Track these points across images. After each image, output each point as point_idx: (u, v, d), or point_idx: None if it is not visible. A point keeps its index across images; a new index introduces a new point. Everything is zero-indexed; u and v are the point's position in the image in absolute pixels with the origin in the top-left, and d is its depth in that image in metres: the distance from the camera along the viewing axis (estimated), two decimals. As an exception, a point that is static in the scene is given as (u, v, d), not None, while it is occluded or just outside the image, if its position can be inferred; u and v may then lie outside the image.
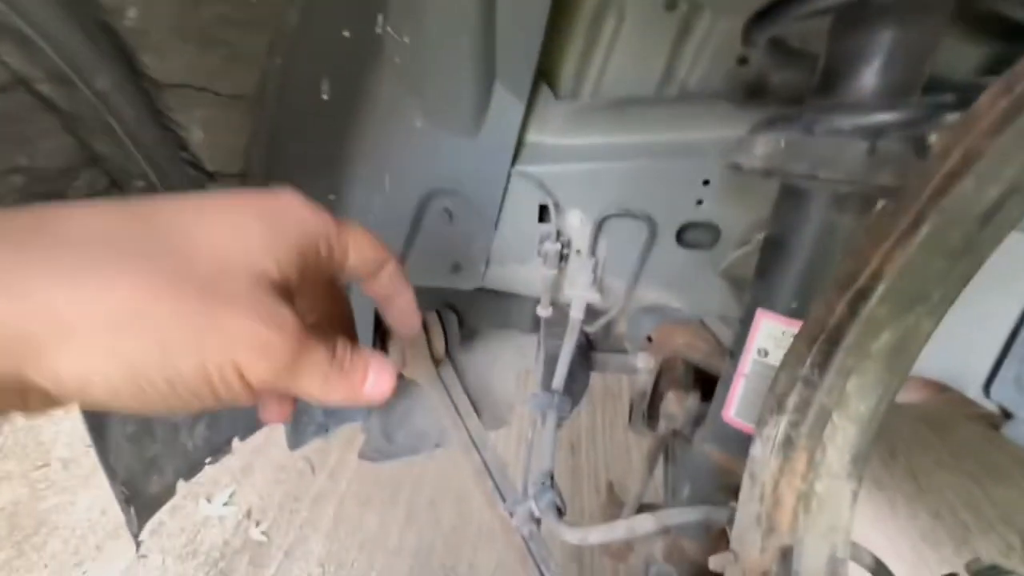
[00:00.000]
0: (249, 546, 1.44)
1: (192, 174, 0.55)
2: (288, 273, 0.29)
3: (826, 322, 0.38)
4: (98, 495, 1.55)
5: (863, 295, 0.35)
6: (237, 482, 1.62)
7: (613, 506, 0.99)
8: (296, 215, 0.31)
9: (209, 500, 1.55)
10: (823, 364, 0.37)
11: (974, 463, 1.64)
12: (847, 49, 0.42)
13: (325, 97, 0.60)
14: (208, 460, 0.76)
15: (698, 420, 0.73)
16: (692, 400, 0.72)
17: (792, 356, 0.40)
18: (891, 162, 0.39)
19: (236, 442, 0.80)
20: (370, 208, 0.72)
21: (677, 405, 0.73)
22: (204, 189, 0.57)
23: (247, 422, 0.77)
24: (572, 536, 0.55)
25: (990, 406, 0.83)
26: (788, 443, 0.39)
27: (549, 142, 0.68)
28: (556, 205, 0.68)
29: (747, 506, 0.40)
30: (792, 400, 0.39)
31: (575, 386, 1.06)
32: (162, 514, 1.59)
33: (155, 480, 0.64)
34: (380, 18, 0.57)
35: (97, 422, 0.54)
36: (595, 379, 2.06)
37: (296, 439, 0.92)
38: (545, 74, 0.73)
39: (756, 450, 0.42)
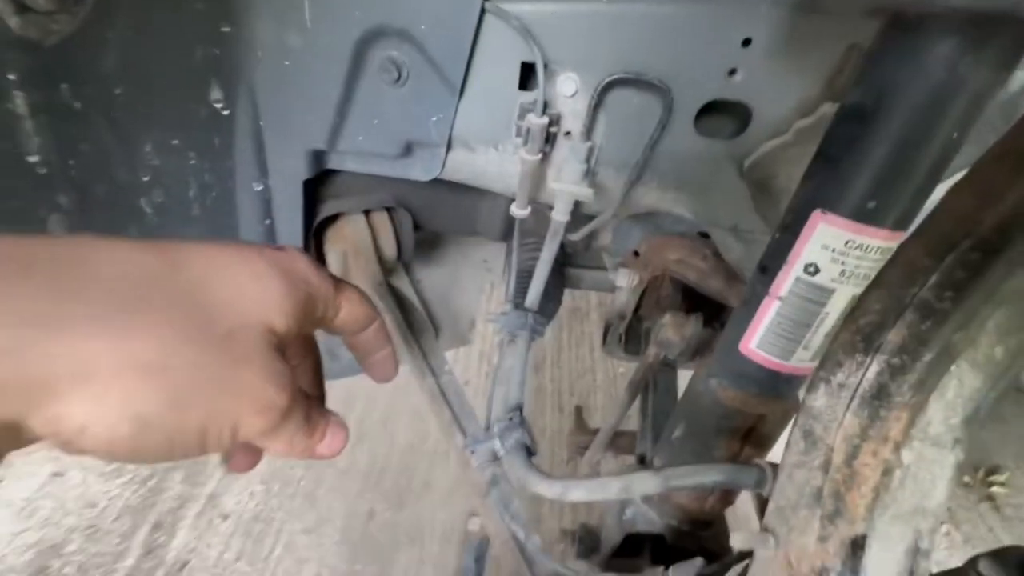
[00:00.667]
0: (183, 462, 1.33)
1: None
2: (290, 329, 0.29)
3: (975, 221, 0.24)
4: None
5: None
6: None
7: (581, 433, 0.91)
8: (303, 274, 0.31)
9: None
10: (963, 283, 0.24)
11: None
12: None
13: None
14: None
15: (697, 350, 0.62)
16: (693, 326, 0.61)
17: (903, 271, 0.27)
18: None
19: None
20: (284, 51, 0.52)
21: (676, 331, 0.61)
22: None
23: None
24: (547, 490, 0.44)
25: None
26: (883, 396, 0.26)
27: (539, -34, 0.48)
28: (544, 64, 0.50)
29: (799, 474, 0.29)
30: (897, 336, 0.26)
31: (548, 305, 0.93)
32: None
33: None
34: None
35: None
36: (565, 300, 1.97)
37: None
38: None
39: (818, 400, 0.29)
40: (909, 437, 0.27)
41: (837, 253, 0.39)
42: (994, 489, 1.45)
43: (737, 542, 0.32)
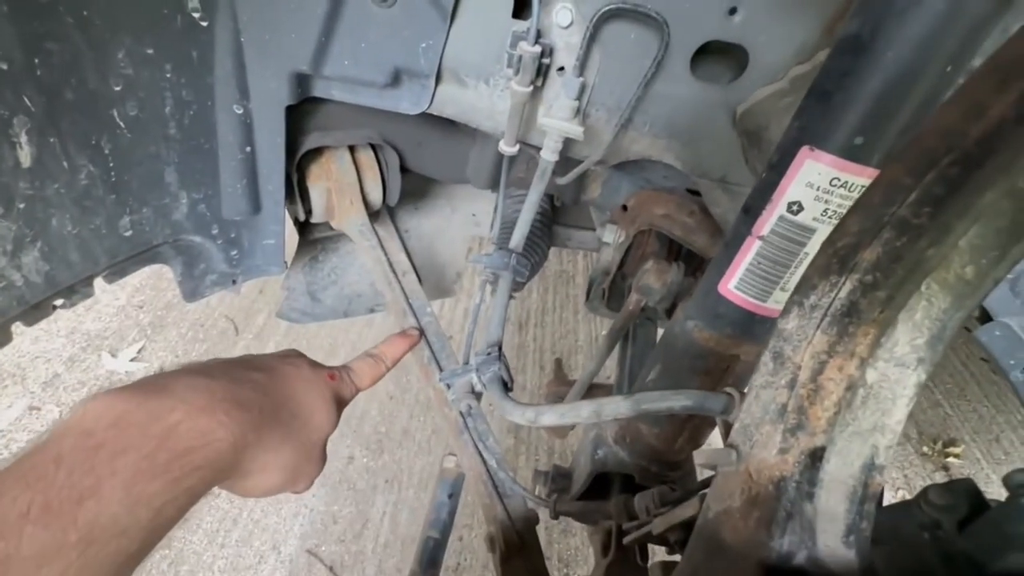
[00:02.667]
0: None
1: None
2: (334, 428, 0.50)
3: (959, 135, 0.24)
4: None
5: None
6: (147, 337, 1.46)
7: (560, 384, 0.93)
8: (348, 396, 0.52)
9: (113, 355, 1.39)
10: (941, 199, 0.24)
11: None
12: None
13: None
14: (59, 303, 0.59)
15: (679, 297, 0.63)
16: (675, 273, 0.61)
17: (883, 189, 0.27)
18: None
19: (101, 283, 0.63)
20: (266, -37, 0.49)
21: (657, 277, 0.61)
22: None
23: (109, 258, 0.59)
24: (519, 415, 0.45)
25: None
26: (852, 313, 0.27)
27: None
28: (538, -12, 0.48)
29: (766, 393, 0.30)
30: (871, 255, 0.26)
31: (534, 257, 0.93)
32: (57, 365, 1.44)
33: (-32, 320, 0.47)
34: None
35: None
36: (550, 260, 1.97)
37: (192, 288, 0.75)
38: None
39: (789, 323, 0.30)
40: (875, 357, 0.27)
41: (821, 191, 0.39)
42: (950, 459, 1.52)
43: (701, 458, 0.33)
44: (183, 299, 0.76)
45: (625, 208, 0.85)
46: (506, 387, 0.52)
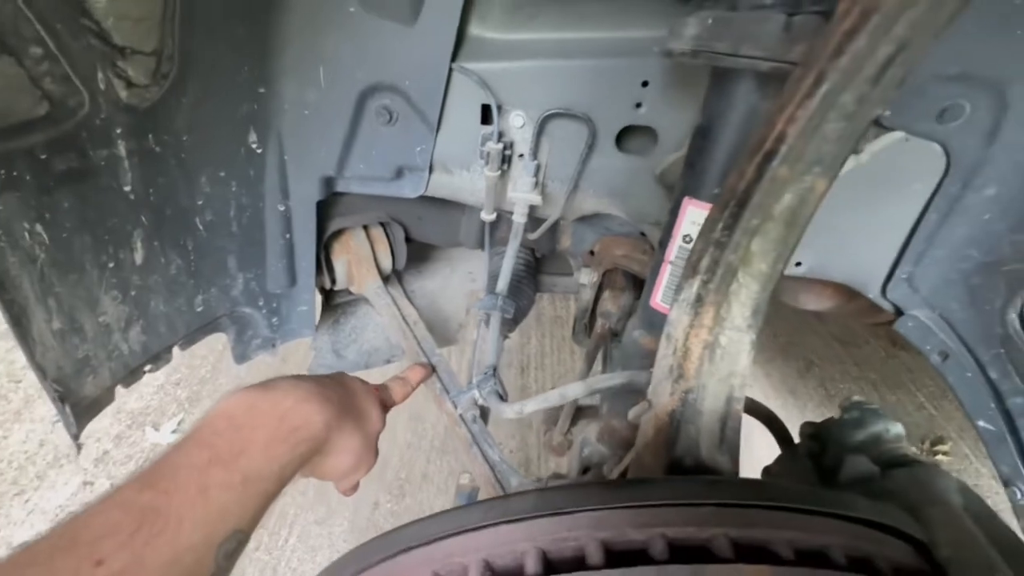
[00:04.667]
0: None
1: (97, 47, 0.50)
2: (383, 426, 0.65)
3: (737, 187, 0.41)
4: (33, 428, 1.50)
5: (768, 157, 0.38)
6: (185, 410, 1.60)
7: (554, 409, 1.06)
8: (391, 402, 0.70)
9: (156, 429, 1.53)
10: (732, 225, 0.41)
11: (875, 373, 1.85)
12: (774, -74, 0.43)
13: (245, -30, 0.56)
14: (148, 368, 0.75)
15: (631, 315, 0.78)
16: (626, 298, 0.77)
17: (707, 223, 0.44)
18: (806, 36, 0.41)
19: (177, 351, 0.79)
20: (304, 103, 0.69)
21: (612, 303, 0.78)
22: (113, 65, 0.52)
23: (186, 329, 0.75)
24: (510, 411, 0.59)
25: (886, 305, 0.93)
26: (699, 300, 0.43)
27: (490, 37, 0.67)
28: (498, 105, 0.67)
29: (662, 361, 0.45)
30: (705, 262, 0.43)
31: (522, 302, 1.09)
32: (106, 443, 1.57)
33: (89, 381, 0.63)
34: None
35: (18, 317, 0.52)
36: (545, 306, 2.13)
37: (241, 352, 0.91)
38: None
39: (672, 313, 0.46)
40: (721, 327, 0.43)
41: (699, 226, 0.56)
42: (939, 458, 1.60)
43: (632, 415, 0.47)
44: (235, 361, 0.92)
45: (592, 253, 1.02)
46: (501, 399, 0.67)
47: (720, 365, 0.43)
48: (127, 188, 0.60)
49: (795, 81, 0.36)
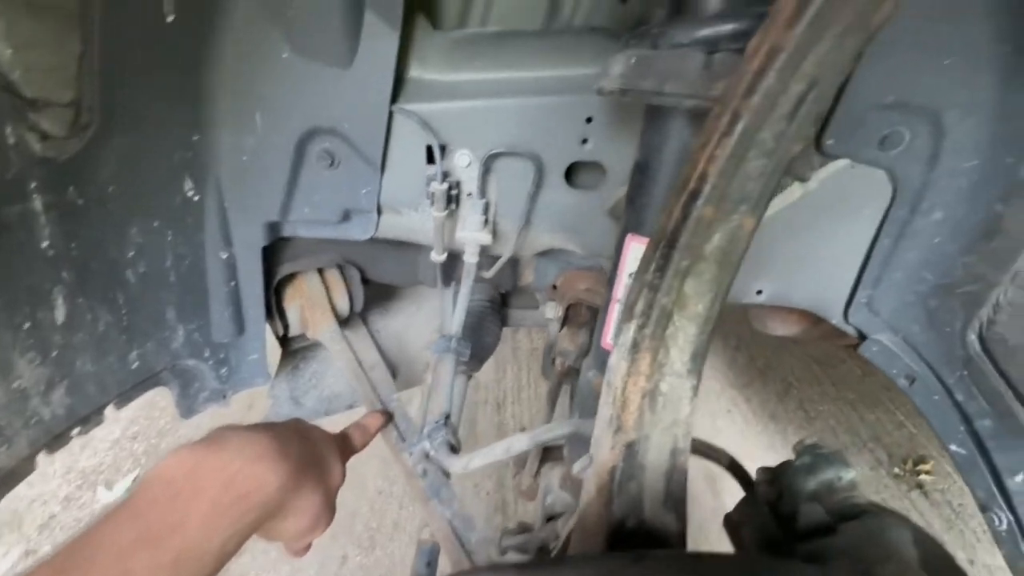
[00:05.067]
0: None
1: (4, 100, 0.48)
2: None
3: (666, 228, 0.39)
4: (-26, 495, 1.40)
5: (693, 197, 0.37)
6: (141, 466, 1.51)
7: (520, 466, 1.02)
8: (352, 450, 0.66)
9: (109, 488, 1.44)
10: (663, 267, 0.39)
11: (852, 392, 1.85)
12: (691, -35, 0.43)
13: (170, 19, 0.55)
14: (75, 432, 0.70)
15: (587, 353, 0.76)
16: (583, 336, 0.75)
17: (641, 264, 0.42)
18: (726, 73, 0.41)
19: (111, 410, 0.74)
20: (242, 150, 0.67)
21: (569, 341, 0.75)
22: (24, 119, 0.50)
23: (119, 388, 0.71)
24: (456, 465, 0.56)
25: (849, 330, 0.92)
26: (635, 346, 0.41)
27: (430, 78, 0.66)
28: (441, 146, 0.66)
29: (603, 411, 0.43)
30: (639, 306, 0.41)
31: (486, 340, 1.06)
32: (53, 506, 1.47)
33: (3, 452, 0.58)
34: (226, -71, 0.52)
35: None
36: (521, 338, 2.10)
37: (187, 407, 0.86)
38: (428, 3, 0.71)
39: (612, 359, 0.44)
40: (661, 373, 0.41)
41: (646, 263, 0.55)
42: (922, 477, 1.58)
43: (575, 469, 0.44)
44: (180, 416, 0.87)
45: (555, 287, 1.01)
46: (454, 449, 0.63)
47: (662, 414, 0.40)
48: (44, 244, 0.56)
49: (713, 119, 0.35)
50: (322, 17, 0.57)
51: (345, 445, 0.65)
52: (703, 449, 0.55)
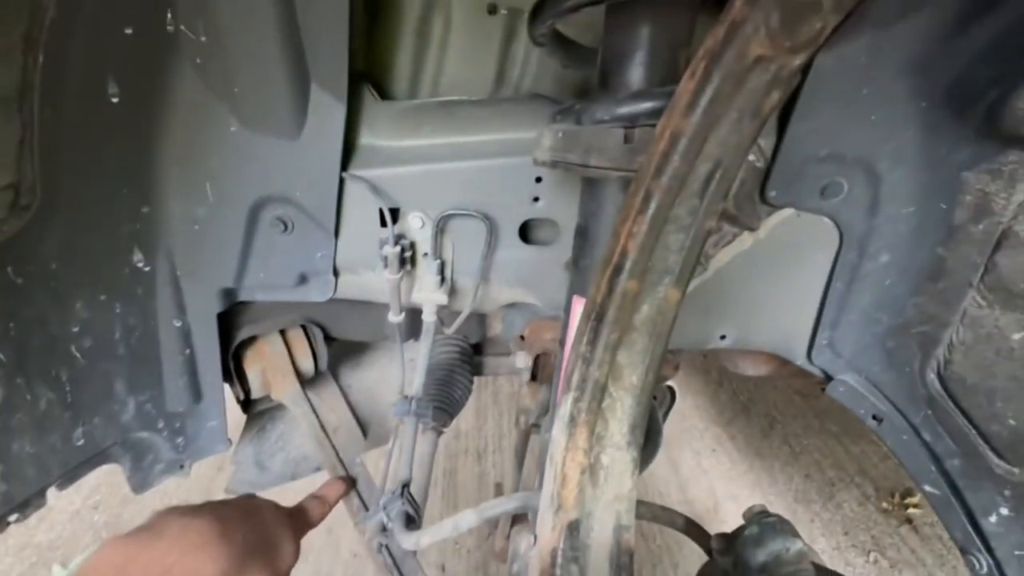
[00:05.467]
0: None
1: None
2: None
3: (595, 300, 0.39)
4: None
5: (617, 271, 0.37)
6: (101, 539, 1.43)
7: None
8: (308, 526, 0.63)
9: (64, 566, 1.36)
10: (594, 340, 0.39)
11: (836, 424, 1.83)
12: (613, 43, 0.46)
13: (115, 99, 0.55)
14: (13, 518, 0.66)
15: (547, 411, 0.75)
16: (544, 392, 0.74)
17: (575, 336, 0.42)
18: (646, 147, 0.42)
19: (53, 492, 0.70)
20: (193, 219, 0.67)
21: (530, 398, 0.74)
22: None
23: (62, 468, 0.67)
24: (407, 542, 0.53)
25: (815, 371, 0.93)
26: (572, 420, 0.40)
27: (381, 144, 0.67)
28: (393, 209, 0.67)
29: (545, 488, 0.41)
30: (575, 378, 0.41)
31: (456, 393, 1.05)
32: (3, 589, 1.37)
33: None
34: (169, 15, 0.53)
35: None
36: (502, 384, 2.07)
37: (141, 480, 0.82)
38: (379, 75, 0.73)
39: (553, 432, 0.43)
40: (601, 446, 0.40)
41: (593, 324, 0.55)
42: (911, 511, 1.55)
43: (522, 550, 0.42)
44: (133, 491, 0.83)
45: (523, 337, 1.00)
46: (411, 520, 0.61)
47: (604, 489, 0.39)
48: (-21, 326, 0.55)
49: (630, 196, 0.36)
50: (268, 93, 0.58)
51: (300, 520, 0.62)
52: (657, 514, 0.53)
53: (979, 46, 0.52)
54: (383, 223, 0.70)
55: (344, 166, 0.65)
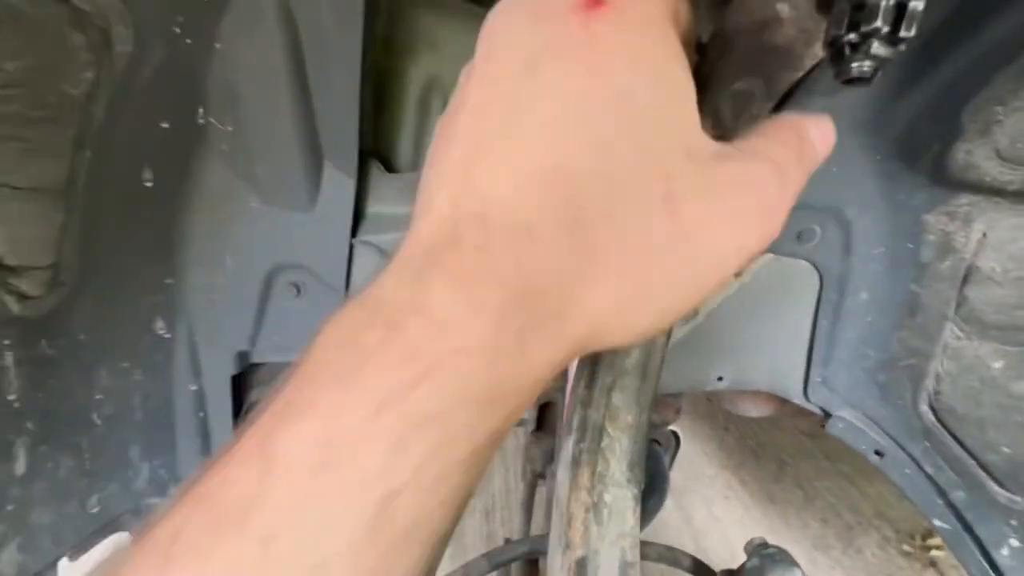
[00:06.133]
0: None
1: (-13, 270, 0.52)
2: None
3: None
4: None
5: (606, 320, 0.41)
6: (99, 620, 1.38)
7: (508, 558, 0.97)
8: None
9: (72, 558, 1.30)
10: (590, 384, 0.43)
11: (847, 464, 1.81)
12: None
13: (148, 184, 0.61)
14: (26, 591, 0.66)
15: (553, 459, 0.76)
16: (547, 441, 0.76)
17: (574, 381, 0.45)
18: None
19: (65, 563, 0.70)
20: (214, 288, 0.72)
21: (535, 446, 0.76)
22: (5, 284, 0.54)
23: (76, 536, 0.68)
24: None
25: (813, 408, 0.95)
26: (574, 461, 0.43)
27: (388, 212, 0.73)
28: (398, 269, 0.72)
29: (553, 529, 0.43)
30: (575, 420, 0.44)
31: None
32: None
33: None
34: (201, 110, 0.60)
35: None
36: (507, 439, 2.05)
37: None
38: (385, 151, 0.80)
39: (558, 474, 0.45)
40: (603, 485, 0.42)
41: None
42: (933, 552, 1.50)
43: (532, 591, 0.43)
44: (141, 562, 0.83)
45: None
46: None
47: (609, 527, 0.41)
48: (11, 397, 0.58)
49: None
50: (286, 172, 0.64)
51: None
52: (663, 553, 0.54)
53: (917, 107, 0.59)
54: (390, 284, 0.75)
55: (354, 233, 0.71)
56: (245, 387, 0.87)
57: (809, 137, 0.26)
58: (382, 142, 0.76)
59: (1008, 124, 0.51)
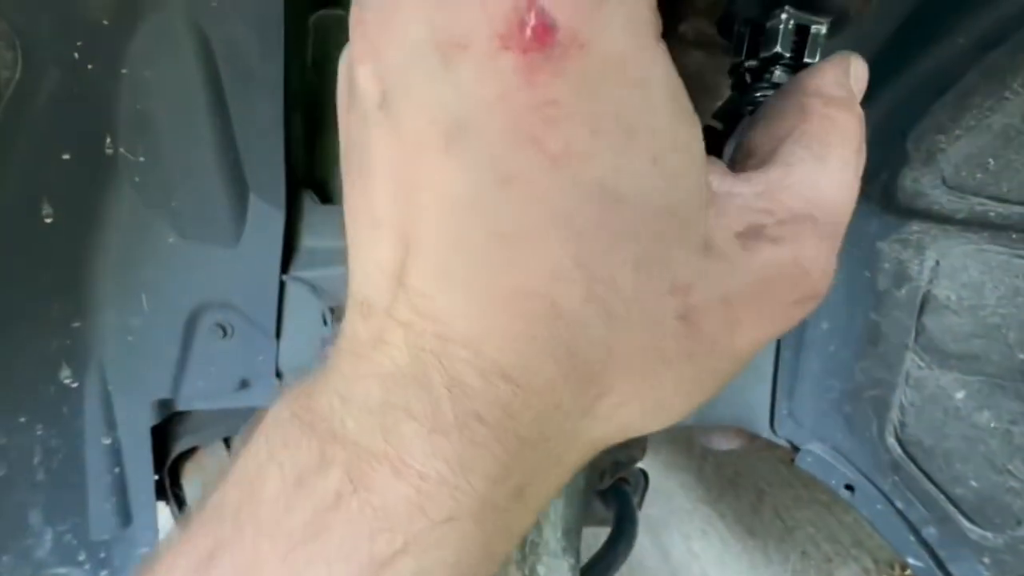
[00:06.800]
0: None
1: None
2: None
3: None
4: None
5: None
6: None
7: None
8: None
9: None
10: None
11: (825, 494, 1.78)
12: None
13: (48, 220, 0.56)
14: None
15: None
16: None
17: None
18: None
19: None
20: (128, 330, 0.65)
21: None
22: None
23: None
24: None
25: (781, 442, 0.91)
26: (501, 528, 0.38)
27: (322, 245, 0.69)
28: (331, 308, 0.67)
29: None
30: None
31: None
32: None
33: None
34: (108, 139, 0.56)
35: None
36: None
37: (55, 627, 0.73)
38: (321, 181, 0.76)
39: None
40: (537, 555, 0.37)
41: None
42: (913, 584, 1.47)
43: None
44: (45, 642, 0.73)
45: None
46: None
47: (541, 603, 0.36)
48: None
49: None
50: (207, 205, 0.60)
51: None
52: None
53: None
54: (325, 322, 0.70)
55: (285, 269, 0.66)
56: (169, 438, 0.79)
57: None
58: (318, 171, 0.72)
59: (951, 152, 0.50)
